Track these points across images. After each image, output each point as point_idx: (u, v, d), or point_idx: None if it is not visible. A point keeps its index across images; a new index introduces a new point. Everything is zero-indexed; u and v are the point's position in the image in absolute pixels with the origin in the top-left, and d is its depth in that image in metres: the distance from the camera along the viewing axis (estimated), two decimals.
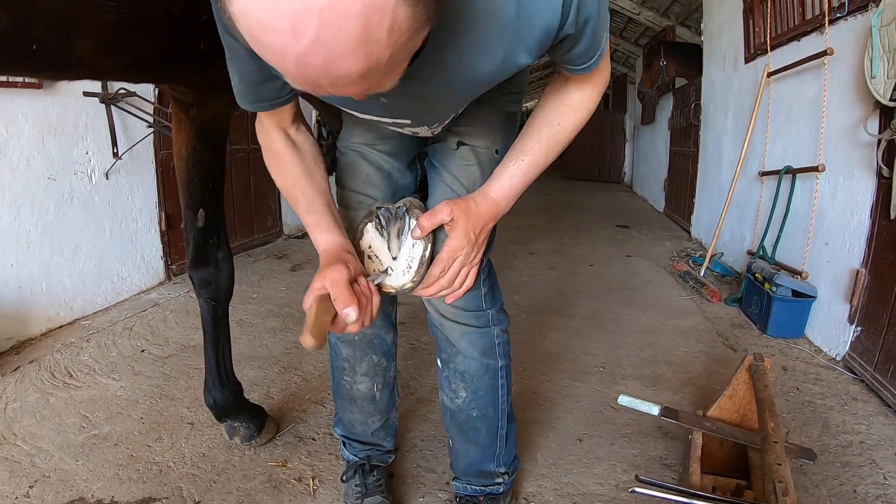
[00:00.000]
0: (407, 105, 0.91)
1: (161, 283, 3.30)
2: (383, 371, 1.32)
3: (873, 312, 2.25)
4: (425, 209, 1.09)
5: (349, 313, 0.85)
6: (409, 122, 0.98)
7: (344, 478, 1.46)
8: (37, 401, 1.98)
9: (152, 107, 3.01)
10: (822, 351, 2.51)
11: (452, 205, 1.01)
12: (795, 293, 2.66)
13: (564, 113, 1.01)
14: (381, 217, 1.07)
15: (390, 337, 1.31)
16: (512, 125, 1.21)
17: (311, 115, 5.08)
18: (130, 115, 2.90)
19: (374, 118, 0.98)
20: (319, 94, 0.63)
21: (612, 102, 11.21)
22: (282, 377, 2.21)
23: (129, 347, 2.44)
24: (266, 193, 4.56)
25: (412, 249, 1.03)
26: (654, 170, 7.29)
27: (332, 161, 4.78)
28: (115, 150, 2.84)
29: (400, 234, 1.05)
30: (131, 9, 0.99)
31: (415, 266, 1.02)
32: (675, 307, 3.14)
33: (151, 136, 3.09)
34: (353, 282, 0.90)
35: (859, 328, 2.33)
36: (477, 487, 1.39)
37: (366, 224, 1.08)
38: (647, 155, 7.90)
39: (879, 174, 2.27)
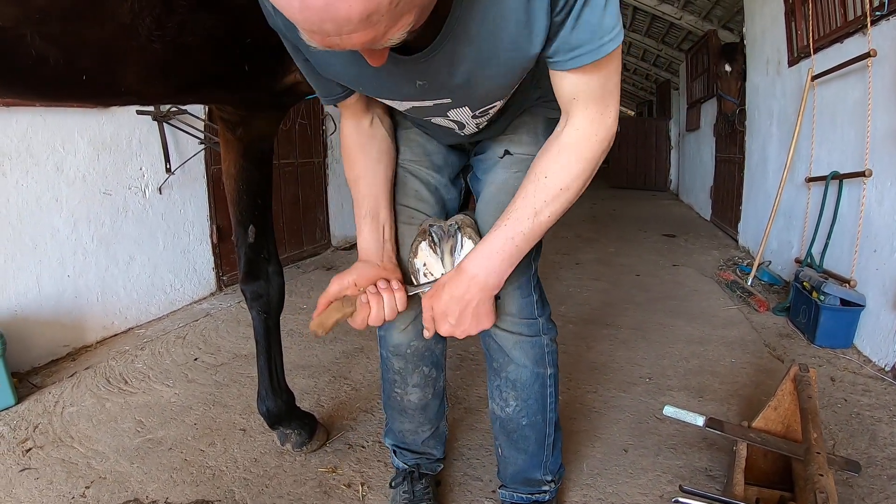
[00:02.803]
0: (443, 85, 0.91)
1: (212, 294, 3.42)
2: (433, 382, 1.36)
3: None
4: (476, 226, 1.12)
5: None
6: (449, 101, 0.96)
7: (393, 484, 1.50)
8: (93, 405, 2.07)
9: (203, 123, 3.13)
10: (871, 361, 2.44)
11: (427, 299, 1.06)
12: (844, 302, 2.59)
13: (553, 160, 0.95)
14: (433, 235, 1.10)
15: (440, 348, 1.34)
16: (552, 131, 1.23)
17: None
18: (182, 132, 3.03)
19: (417, 103, 0.98)
20: (335, 49, 0.63)
21: (656, 109, 11.08)
22: (332, 386, 2.26)
23: (182, 355, 2.54)
24: (314, 205, 4.65)
25: None
26: (699, 177, 7.17)
27: None
28: (168, 166, 2.97)
29: (452, 251, 1.08)
30: (176, 37, 1.02)
31: None
32: (721, 317, 3.10)
33: (202, 152, 3.22)
34: (367, 287, 1.06)
35: None
36: (523, 495, 1.40)
37: (419, 242, 1.12)
38: (693, 162, 7.78)
39: None
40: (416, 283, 1.11)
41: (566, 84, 0.90)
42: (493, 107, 1.02)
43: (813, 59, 3.22)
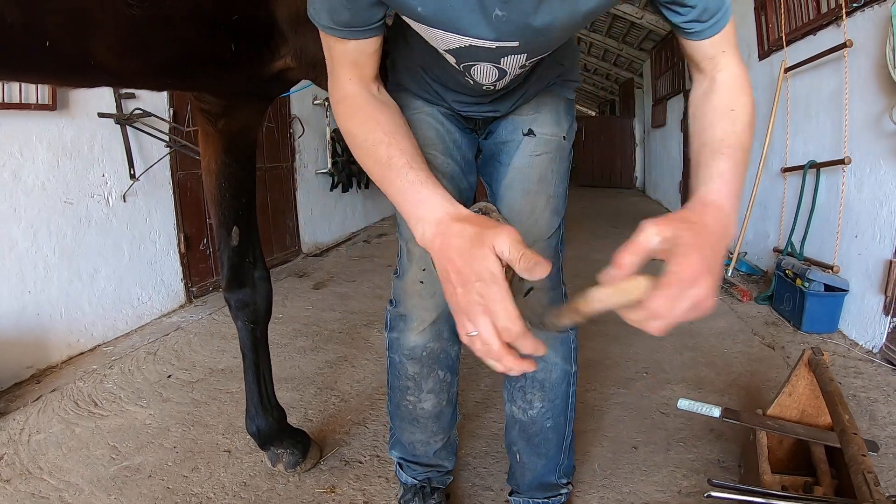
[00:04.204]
0: (520, 24, 0.79)
1: (182, 306, 3.24)
2: (448, 387, 1.27)
3: None
4: (500, 212, 1.05)
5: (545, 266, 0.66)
6: (516, 44, 0.82)
7: (402, 501, 1.40)
8: (61, 431, 1.91)
9: (168, 126, 2.97)
10: (858, 344, 2.49)
11: (666, 223, 0.66)
12: (827, 287, 2.63)
13: (727, 96, 0.82)
14: None
15: (455, 350, 1.26)
16: (571, 112, 1.19)
17: (326, 132, 5.06)
18: (146, 136, 2.86)
19: (478, 42, 0.82)
20: None
21: (619, 108, 11.23)
22: (318, 399, 2.15)
23: (154, 373, 2.37)
24: (283, 211, 4.51)
25: None
26: (667, 173, 7.29)
27: (347, 177, 4.73)
28: (132, 172, 2.79)
29: None
30: (157, 5, 0.90)
31: None
32: None
33: (168, 157, 3.05)
34: None
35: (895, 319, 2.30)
36: (539, 501, 1.34)
37: None
38: (660, 158, 7.89)
39: None
40: None
41: (707, 45, 0.84)
42: (539, 59, 0.92)
43: (785, 52, 3.27)
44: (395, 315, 1.22)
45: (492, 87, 0.99)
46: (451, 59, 0.89)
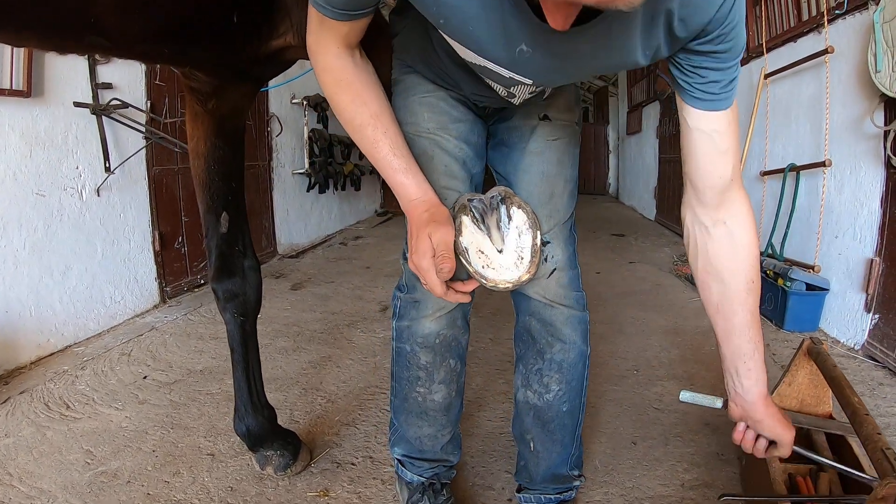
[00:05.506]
0: (542, 63, 0.83)
1: (156, 306, 3.11)
2: (457, 377, 1.23)
3: (891, 299, 2.28)
4: (520, 196, 1.03)
5: (444, 269, 0.90)
6: (529, 82, 0.90)
7: (410, 501, 1.34)
8: (32, 435, 1.79)
9: (145, 117, 2.86)
10: (840, 341, 2.53)
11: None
12: (809, 287, 2.68)
13: (745, 261, 0.99)
14: (474, 210, 0.98)
15: (465, 338, 1.22)
16: (580, 100, 1.23)
17: (304, 132, 4.97)
18: (122, 128, 2.75)
19: (494, 66, 0.87)
20: None
21: (593, 116, 11.35)
22: (304, 399, 2.07)
23: (129, 374, 2.26)
24: (259, 212, 4.39)
25: (519, 239, 0.96)
26: (642, 179, 7.37)
27: (324, 178, 4.62)
28: (107, 165, 2.67)
29: (499, 225, 0.98)
30: None
31: (527, 256, 0.95)
32: (690, 308, 3.13)
33: (143, 152, 2.94)
34: None
35: (877, 315, 2.36)
36: (552, 496, 1.31)
37: (462, 219, 0.99)
38: (635, 164, 7.97)
39: (888, 164, 2.30)
40: (467, 263, 0.97)
41: (721, 161, 0.92)
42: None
43: (765, 59, 3.34)
44: (407, 301, 1.17)
45: (514, 103, 1.03)
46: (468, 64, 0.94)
